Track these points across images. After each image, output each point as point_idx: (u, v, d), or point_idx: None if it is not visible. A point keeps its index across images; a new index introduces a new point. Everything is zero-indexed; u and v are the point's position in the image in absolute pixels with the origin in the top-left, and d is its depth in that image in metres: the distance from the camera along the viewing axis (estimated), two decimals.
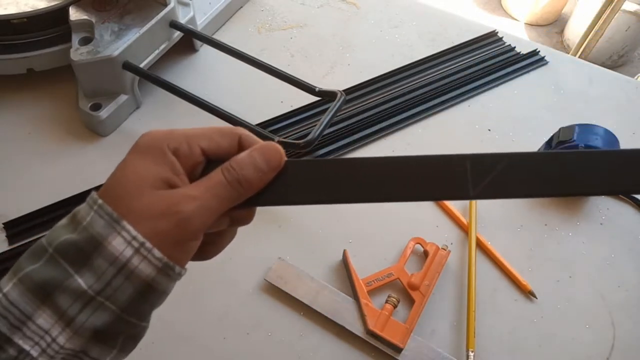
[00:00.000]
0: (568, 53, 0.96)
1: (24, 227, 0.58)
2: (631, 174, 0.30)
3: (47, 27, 0.67)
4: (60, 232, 0.29)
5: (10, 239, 0.58)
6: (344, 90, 0.68)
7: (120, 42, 0.64)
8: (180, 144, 0.30)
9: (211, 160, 0.32)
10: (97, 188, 0.60)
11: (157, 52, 0.69)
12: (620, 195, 0.65)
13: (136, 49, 0.65)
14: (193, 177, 0.31)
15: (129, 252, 0.27)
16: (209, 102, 0.63)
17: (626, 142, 0.64)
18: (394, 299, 0.54)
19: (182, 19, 0.71)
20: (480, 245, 0.60)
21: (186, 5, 0.73)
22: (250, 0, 0.85)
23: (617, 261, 0.60)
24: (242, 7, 0.84)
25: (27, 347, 0.26)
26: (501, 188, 0.30)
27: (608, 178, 0.30)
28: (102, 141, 0.67)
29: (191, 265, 0.57)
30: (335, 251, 0.58)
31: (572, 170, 0.30)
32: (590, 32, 1.56)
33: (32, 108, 0.69)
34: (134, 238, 0.27)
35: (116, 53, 0.63)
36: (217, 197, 0.30)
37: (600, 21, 1.52)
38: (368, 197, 0.31)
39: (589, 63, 0.82)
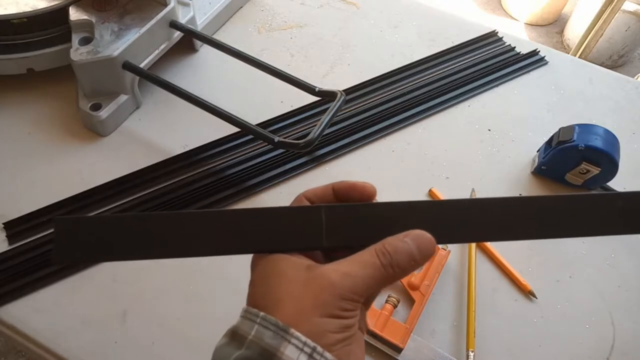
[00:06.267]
0: (568, 53, 0.96)
1: (24, 227, 0.58)
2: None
3: (47, 27, 0.67)
4: (226, 350, 0.29)
5: (10, 239, 0.57)
6: (344, 90, 0.68)
7: (120, 42, 0.64)
8: None
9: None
10: (97, 188, 0.61)
11: (157, 52, 0.69)
12: None
13: (136, 49, 0.65)
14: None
15: (303, 359, 0.27)
16: (209, 102, 0.63)
17: (626, 142, 0.64)
18: (394, 299, 0.54)
19: (182, 19, 0.71)
20: (480, 245, 0.60)
21: (186, 5, 0.73)
22: (250, 0, 0.85)
23: (617, 261, 0.60)
24: (242, 7, 0.84)
25: None
26: (353, 237, 0.31)
27: (452, 227, 0.32)
28: (102, 141, 0.67)
29: (192, 266, 0.57)
30: None
31: (424, 217, 0.31)
32: (590, 32, 1.57)
33: (32, 108, 0.69)
34: (305, 344, 0.27)
35: (116, 53, 0.63)
36: (372, 279, 0.29)
37: (600, 21, 1.52)
38: (226, 249, 0.32)
39: (589, 63, 0.82)
